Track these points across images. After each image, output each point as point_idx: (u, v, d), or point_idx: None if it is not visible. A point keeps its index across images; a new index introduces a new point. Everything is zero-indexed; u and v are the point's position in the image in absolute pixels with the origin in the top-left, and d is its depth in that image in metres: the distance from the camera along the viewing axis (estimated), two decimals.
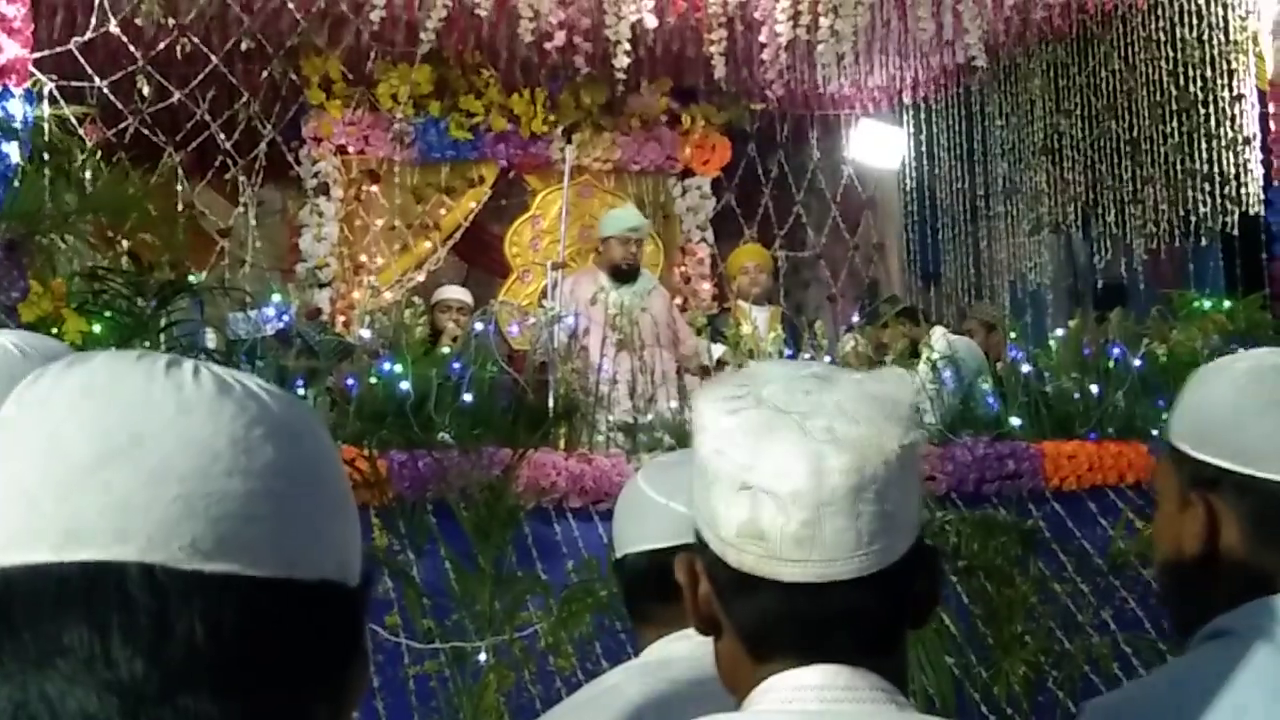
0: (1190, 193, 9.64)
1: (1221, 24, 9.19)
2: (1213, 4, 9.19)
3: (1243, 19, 9.07)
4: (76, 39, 7.55)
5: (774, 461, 1.26)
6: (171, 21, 8.33)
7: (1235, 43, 9.18)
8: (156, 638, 0.76)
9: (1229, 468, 1.65)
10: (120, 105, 8.18)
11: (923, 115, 11.29)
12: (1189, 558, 1.69)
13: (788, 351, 7.54)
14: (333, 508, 0.84)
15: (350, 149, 9.93)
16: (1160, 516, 1.77)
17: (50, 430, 0.79)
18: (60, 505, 0.77)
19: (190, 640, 0.76)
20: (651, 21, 8.16)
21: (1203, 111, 9.46)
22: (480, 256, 10.87)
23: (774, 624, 1.30)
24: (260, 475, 0.79)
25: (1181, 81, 9.58)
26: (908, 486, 1.28)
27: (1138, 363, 7.62)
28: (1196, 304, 8.65)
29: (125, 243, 6.22)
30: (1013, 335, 8.31)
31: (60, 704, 0.76)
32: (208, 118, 8.95)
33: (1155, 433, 7.44)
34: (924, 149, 11.34)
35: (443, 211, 10.20)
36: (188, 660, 0.76)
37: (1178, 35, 9.47)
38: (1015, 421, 7.23)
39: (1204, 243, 9.91)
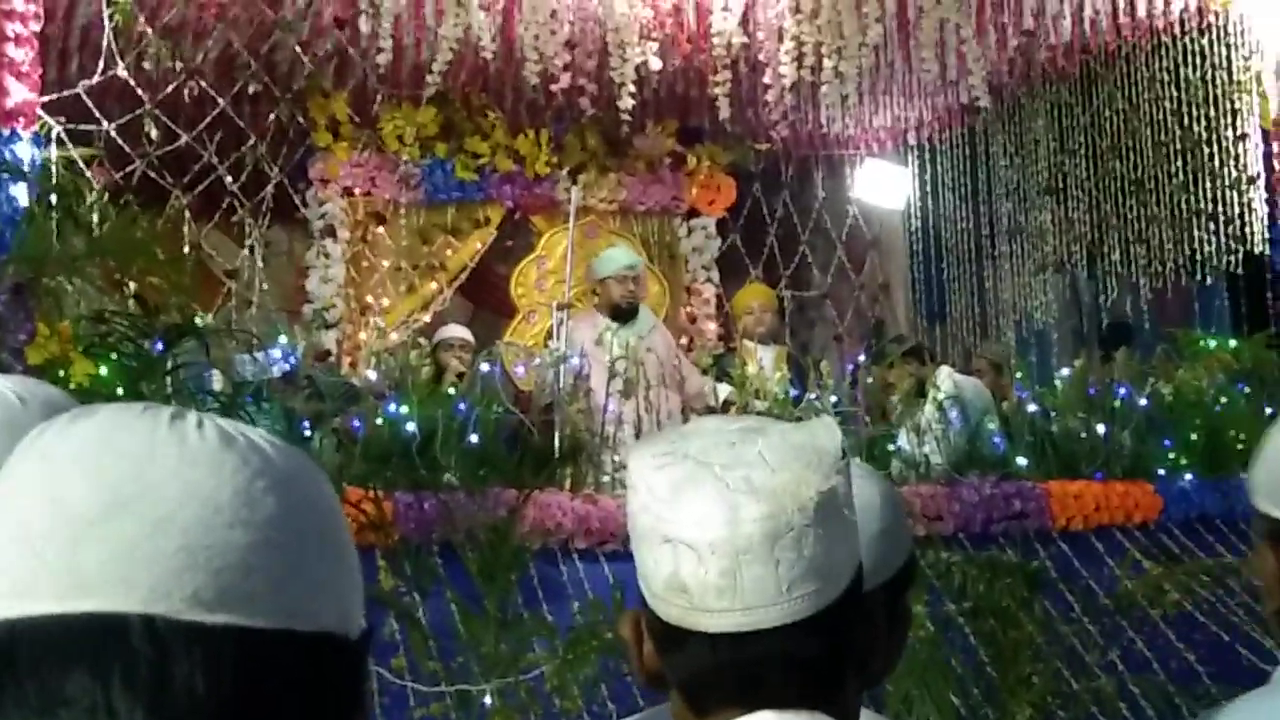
0: (1195, 232, 9.63)
1: (1225, 64, 9.22)
2: (1216, 44, 9.21)
3: (1246, 59, 9.09)
4: (84, 82, 7.59)
5: (692, 513, 1.26)
6: (179, 65, 8.37)
7: (1239, 82, 9.19)
8: (157, 688, 0.76)
9: None
10: (128, 148, 8.21)
11: (927, 155, 11.30)
12: None
13: (794, 391, 7.54)
14: (334, 560, 0.85)
15: (357, 190, 9.96)
16: (1266, 576, 1.76)
17: (55, 482, 0.80)
18: (64, 556, 0.77)
19: (190, 691, 0.76)
20: (656, 64, 8.20)
21: (1207, 151, 9.47)
22: (486, 297, 10.89)
23: (706, 676, 1.30)
24: (262, 527, 0.80)
25: (1185, 121, 9.60)
26: (833, 533, 1.27)
27: (1144, 402, 7.63)
28: (1202, 343, 8.67)
29: (132, 285, 6.25)
30: (1018, 375, 8.32)
31: None
32: (215, 160, 8.98)
33: (1161, 472, 7.45)
34: (929, 189, 11.34)
35: (449, 252, 10.22)
36: (188, 711, 0.76)
37: (1181, 75, 9.49)
38: (1021, 461, 7.23)
39: (1209, 281, 9.91)
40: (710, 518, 1.25)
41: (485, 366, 6.98)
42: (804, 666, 1.29)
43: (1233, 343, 8.68)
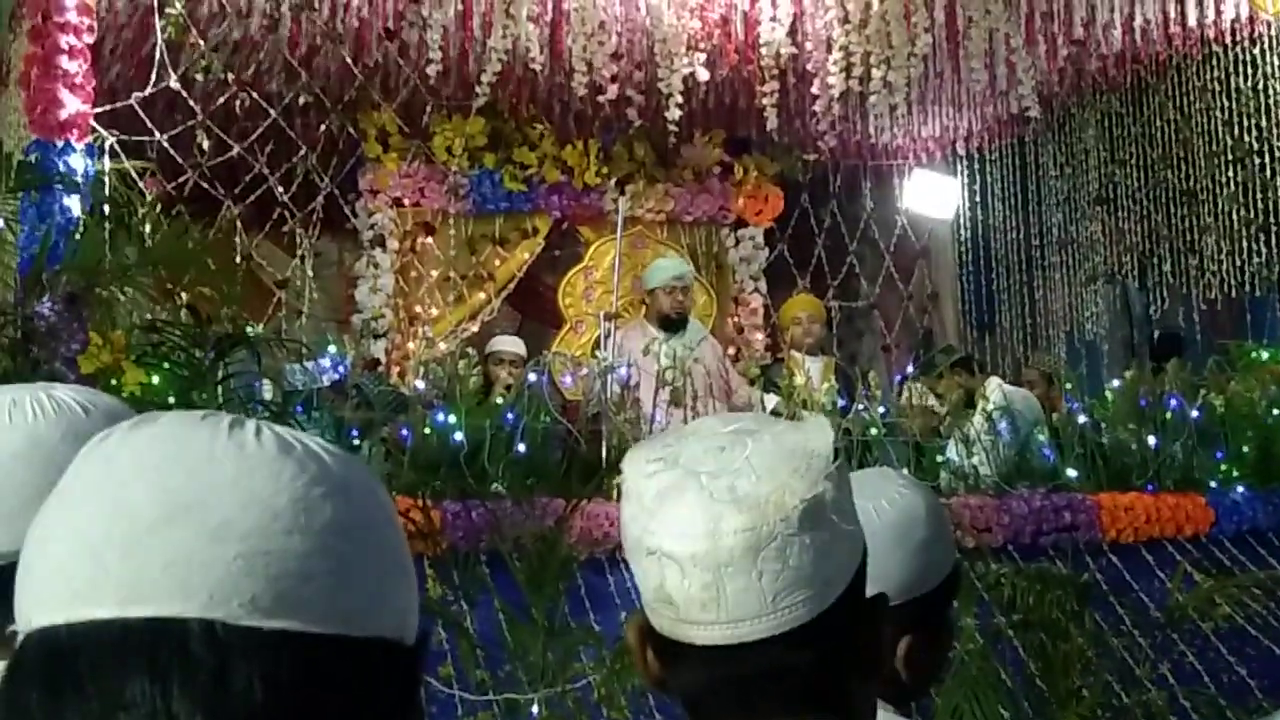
0: (1247, 242, 9.56)
1: (1277, 73, 9.15)
2: (1268, 53, 9.15)
3: None
4: (137, 94, 7.64)
5: (674, 525, 1.24)
6: (231, 77, 8.44)
7: None
8: (216, 693, 0.77)
9: None
10: (180, 159, 8.26)
11: (977, 165, 11.27)
12: None
13: (841, 402, 7.52)
14: (390, 566, 0.85)
15: (406, 201, 10.01)
16: None
17: (116, 489, 0.81)
18: (125, 562, 0.78)
19: (248, 696, 0.77)
20: (704, 74, 8.21)
21: (1259, 161, 9.40)
22: (534, 307, 10.91)
23: (701, 688, 1.28)
24: (319, 534, 0.81)
25: (1237, 131, 9.52)
26: (821, 539, 1.23)
27: (1195, 414, 7.56)
28: (1254, 354, 8.59)
29: (184, 295, 6.29)
30: (1069, 386, 8.27)
31: None
32: (266, 171, 9.02)
33: (1213, 484, 7.39)
34: (978, 199, 11.30)
35: (497, 263, 10.26)
36: (246, 715, 0.77)
37: (1232, 85, 9.42)
38: (1071, 473, 7.18)
39: (1261, 292, 9.83)
40: (691, 530, 1.22)
41: (533, 376, 6.99)
42: (798, 676, 1.25)
43: None
